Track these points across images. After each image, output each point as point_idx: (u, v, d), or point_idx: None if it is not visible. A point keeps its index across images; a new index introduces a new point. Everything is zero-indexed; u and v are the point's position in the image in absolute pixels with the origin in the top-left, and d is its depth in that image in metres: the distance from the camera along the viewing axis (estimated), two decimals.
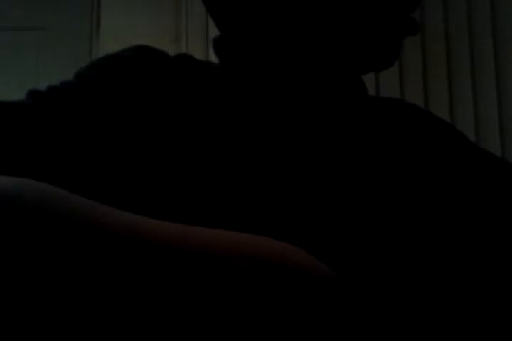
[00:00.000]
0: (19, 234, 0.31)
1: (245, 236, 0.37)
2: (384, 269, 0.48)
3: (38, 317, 0.30)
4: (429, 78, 1.91)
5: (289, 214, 0.48)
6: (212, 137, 0.51)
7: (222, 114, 0.53)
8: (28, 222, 0.32)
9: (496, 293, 0.52)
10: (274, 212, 0.48)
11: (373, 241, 0.49)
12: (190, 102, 0.54)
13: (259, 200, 0.48)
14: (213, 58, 0.63)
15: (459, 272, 0.51)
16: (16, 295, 0.30)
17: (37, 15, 2.08)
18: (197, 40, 1.91)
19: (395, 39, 0.56)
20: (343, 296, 0.36)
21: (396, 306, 0.47)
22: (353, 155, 0.54)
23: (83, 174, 0.46)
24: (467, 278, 0.51)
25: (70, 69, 0.57)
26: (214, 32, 0.61)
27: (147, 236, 0.34)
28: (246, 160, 0.50)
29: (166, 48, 0.59)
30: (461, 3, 1.95)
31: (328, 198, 0.50)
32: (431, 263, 0.50)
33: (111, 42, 1.90)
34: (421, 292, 0.49)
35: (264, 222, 0.47)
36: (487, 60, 1.92)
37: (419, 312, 0.48)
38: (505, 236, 0.54)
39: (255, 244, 0.36)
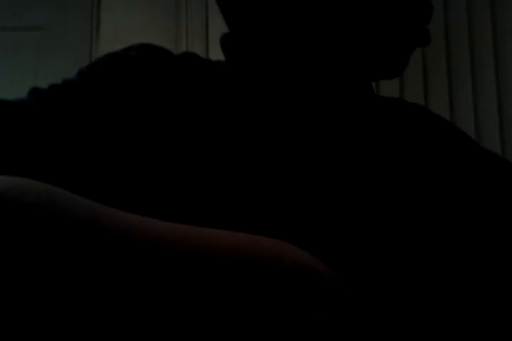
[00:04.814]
0: (20, 234, 0.31)
1: (244, 235, 0.37)
2: (384, 269, 0.48)
3: (38, 316, 0.30)
4: (429, 78, 1.91)
5: (290, 214, 0.48)
6: (216, 136, 0.51)
7: (227, 113, 0.53)
8: (28, 222, 0.32)
9: (496, 292, 0.52)
10: (275, 212, 0.48)
11: (373, 241, 0.49)
12: (194, 101, 0.53)
13: (259, 200, 0.48)
14: (213, 58, 0.62)
15: (459, 272, 0.51)
16: (17, 294, 0.30)
17: (37, 15, 2.08)
18: (197, 40, 1.91)
19: (404, 49, 0.55)
20: (341, 295, 0.36)
21: (395, 306, 0.47)
22: (355, 154, 0.54)
23: (82, 173, 0.46)
24: (467, 277, 0.51)
25: (70, 69, 0.57)
26: (214, 32, 0.61)
27: (147, 236, 0.34)
28: (248, 160, 0.50)
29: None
30: (461, 3, 1.95)
31: (329, 198, 0.50)
32: (431, 263, 0.50)
33: (111, 42, 1.90)
34: (421, 292, 0.49)
35: (264, 221, 0.47)
36: (487, 61, 1.92)
37: (419, 312, 0.48)
38: (505, 235, 0.54)
39: (254, 244, 0.36)
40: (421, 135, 0.59)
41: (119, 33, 1.91)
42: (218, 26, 0.60)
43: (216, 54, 0.63)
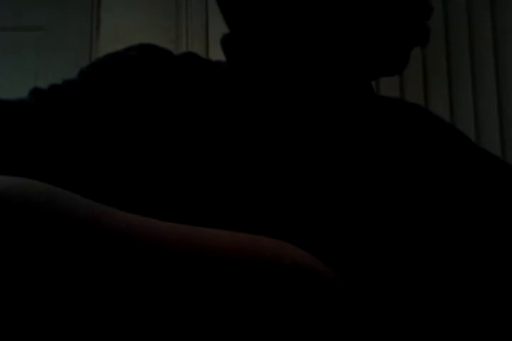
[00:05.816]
0: (20, 234, 0.31)
1: (244, 235, 0.37)
2: (384, 269, 0.48)
3: (38, 316, 0.30)
4: (429, 78, 1.91)
5: (290, 214, 0.48)
6: (216, 136, 0.51)
7: (227, 114, 0.53)
8: (28, 222, 0.32)
9: (496, 292, 0.52)
10: (275, 212, 0.48)
11: (373, 241, 0.49)
12: (195, 101, 0.53)
13: (259, 200, 0.48)
14: (213, 58, 0.62)
15: (458, 272, 0.51)
16: (17, 294, 0.30)
17: (37, 15, 2.08)
18: (197, 40, 1.91)
19: (404, 46, 0.55)
20: (341, 295, 0.36)
21: (395, 306, 0.47)
22: (354, 155, 0.54)
23: (82, 173, 0.46)
24: (467, 278, 0.51)
25: (70, 69, 0.57)
26: (214, 32, 0.61)
27: (147, 236, 0.34)
28: (248, 160, 0.50)
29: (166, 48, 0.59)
30: (461, 3, 1.95)
31: (329, 198, 0.50)
32: (431, 263, 0.50)
33: (111, 42, 1.90)
34: (421, 292, 0.49)
35: (264, 221, 0.47)
36: (487, 61, 1.92)
37: (418, 312, 0.48)
38: (504, 236, 0.54)
39: (254, 244, 0.36)
40: (420, 135, 0.59)
41: (119, 33, 1.91)
42: (218, 26, 0.60)
43: (216, 54, 0.63)
